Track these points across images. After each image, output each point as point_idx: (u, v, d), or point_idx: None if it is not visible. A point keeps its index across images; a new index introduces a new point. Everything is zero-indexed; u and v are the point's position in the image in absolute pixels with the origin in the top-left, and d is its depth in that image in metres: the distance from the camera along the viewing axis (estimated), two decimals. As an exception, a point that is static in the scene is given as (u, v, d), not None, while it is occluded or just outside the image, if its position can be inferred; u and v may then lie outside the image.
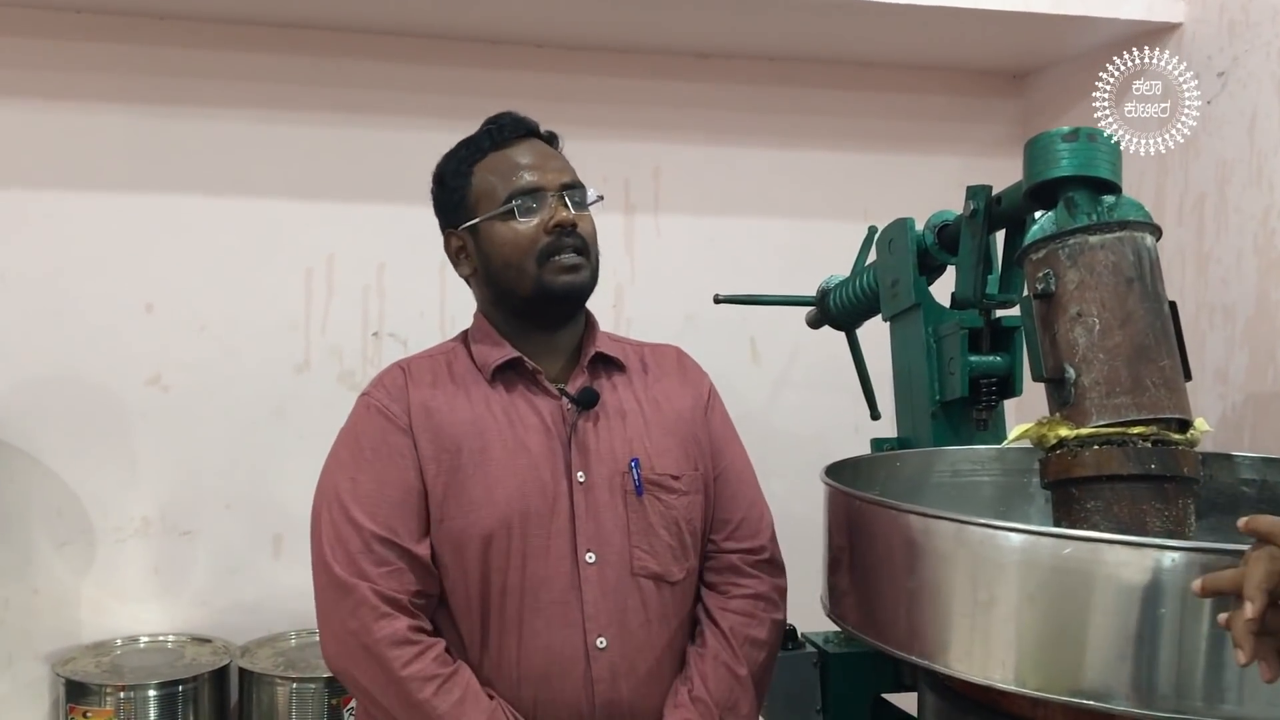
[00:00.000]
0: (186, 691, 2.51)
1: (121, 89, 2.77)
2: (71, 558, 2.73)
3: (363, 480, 1.53)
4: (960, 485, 1.84)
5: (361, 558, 1.48)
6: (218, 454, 2.81)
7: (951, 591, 1.27)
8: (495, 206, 1.57)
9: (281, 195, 2.87)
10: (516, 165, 1.58)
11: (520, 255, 1.55)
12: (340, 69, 2.90)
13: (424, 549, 1.51)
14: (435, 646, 1.49)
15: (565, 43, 3.00)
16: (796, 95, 3.19)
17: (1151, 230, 1.47)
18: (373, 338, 2.93)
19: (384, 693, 1.46)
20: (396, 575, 1.48)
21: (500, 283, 1.59)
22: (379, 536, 1.49)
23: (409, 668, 1.45)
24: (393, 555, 1.49)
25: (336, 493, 1.53)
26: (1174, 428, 1.40)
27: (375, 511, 1.50)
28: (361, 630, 1.46)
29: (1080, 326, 1.42)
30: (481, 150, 1.60)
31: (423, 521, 1.52)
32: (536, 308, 1.58)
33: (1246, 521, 1.02)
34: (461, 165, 1.61)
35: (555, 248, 1.55)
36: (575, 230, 1.56)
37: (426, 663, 1.46)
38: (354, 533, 1.49)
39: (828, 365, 2.74)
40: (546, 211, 1.56)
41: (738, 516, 1.67)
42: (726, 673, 1.57)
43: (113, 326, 2.76)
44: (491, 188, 1.58)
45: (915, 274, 2.01)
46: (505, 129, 1.61)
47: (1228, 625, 0.99)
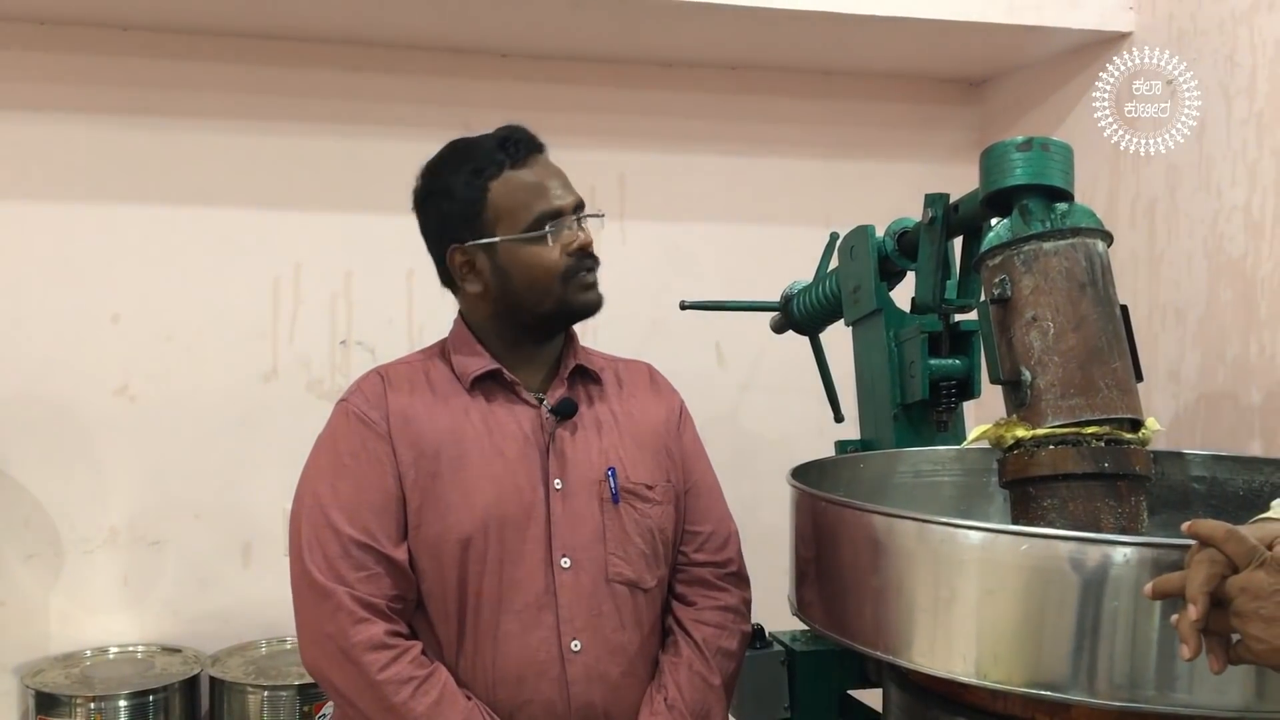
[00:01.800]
0: (157, 701, 2.51)
1: (86, 100, 2.76)
2: (39, 569, 2.73)
3: (342, 486, 1.54)
4: (922, 485, 1.88)
5: (340, 563, 1.49)
6: (186, 463, 2.81)
7: (914, 589, 1.31)
8: (518, 227, 1.57)
9: (248, 205, 2.87)
10: (542, 188, 1.58)
11: (548, 276, 1.57)
12: (305, 79, 2.90)
13: (402, 554, 1.53)
14: (412, 649, 1.50)
15: (530, 52, 3.02)
16: (759, 104, 3.23)
17: (1103, 236, 1.51)
18: (341, 346, 2.94)
19: (361, 696, 1.48)
20: (374, 580, 1.50)
21: (517, 301, 1.60)
22: (357, 541, 1.50)
23: (385, 671, 1.46)
24: (371, 560, 1.50)
25: (316, 498, 1.55)
26: (1126, 427, 1.45)
27: (354, 517, 1.52)
28: (339, 634, 1.47)
29: (1035, 330, 1.47)
30: (496, 165, 1.58)
31: (400, 526, 1.54)
32: (549, 323, 1.62)
33: (1189, 526, 1.06)
34: (473, 179, 1.58)
35: (578, 268, 1.59)
36: (590, 250, 1.61)
37: (403, 665, 1.48)
38: (333, 537, 1.51)
39: (792, 369, 2.78)
40: (569, 234, 1.58)
41: (707, 530, 1.71)
42: (701, 682, 1.61)
43: (79, 337, 2.75)
44: (513, 207, 1.57)
45: (876, 280, 2.04)
46: (521, 146, 1.60)
47: (1177, 625, 1.04)
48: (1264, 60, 2.39)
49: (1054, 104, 3.09)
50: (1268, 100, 2.38)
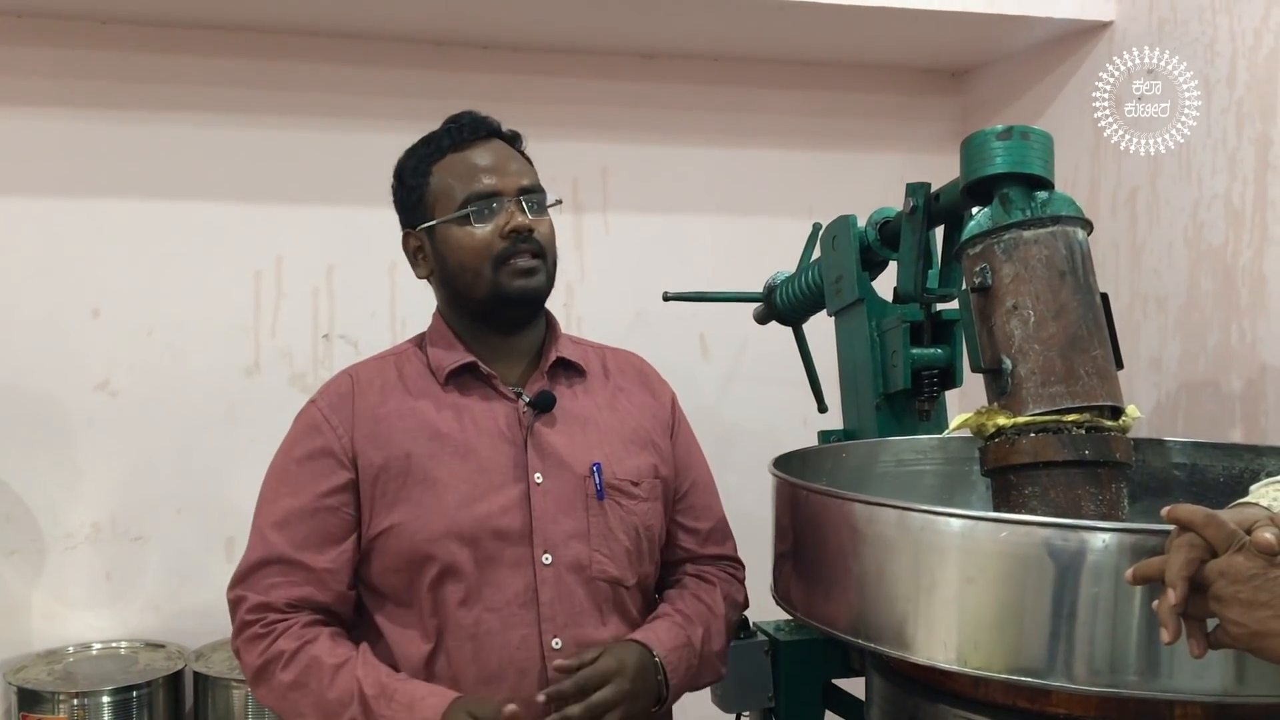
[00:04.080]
0: (141, 697, 2.50)
1: (66, 93, 2.75)
2: (21, 565, 2.71)
3: (283, 490, 1.56)
4: (904, 474, 1.88)
5: (254, 570, 1.52)
6: (168, 458, 2.80)
7: (895, 576, 1.31)
8: (452, 209, 1.56)
9: (229, 198, 2.86)
10: (474, 168, 1.57)
11: (476, 260, 1.55)
12: (286, 71, 2.89)
13: (326, 561, 1.53)
14: (289, 627, 1.50)
15: (512, 44, 3.01)
16: (741, 94, 3.23)
17: (1083, 224, 1.52)
18: (323, 340, 2.93)
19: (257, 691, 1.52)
20: (281, 589, 1.51)
21: (456, 285, 1.59)
22: (278, 554, 1.52)
23: (261, 657, 1.48)
24: (285, 570, 1.52)
25: (262, 500, 1.58)
26: (1107, 415, 1.46)
27: (284, 523, 1.53)
28: (236, 635, 1.52)
29: (1016, 319, 1.47)
30: (441, 150, 1.59)
31: (330, 535, 1.54)
32: (491, 311, 1.59)
33: (1168, 511, 1.07)
34: (420, 164, 1.60)
35: (510, 252, 1.54)
36: (532, 235, 1.55)
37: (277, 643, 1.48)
38: (259, 544, 1.54)
39: (776, 360, 2.79)
40: (503, 216, 1.55)
41: (708, 527, 1.72)
42: (706, 608, 1.62)
43: (59, 332, 2.74)
44: (449, 190, 1.57)
45: (858, 270, 2.05)
46: (465, 129, 1.60)
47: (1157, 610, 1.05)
48: (1243, 49, 2.40)
49: (1036, 94, 3.09)
50: (1247, 89, 2.39)
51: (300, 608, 1.51)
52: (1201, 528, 1.03)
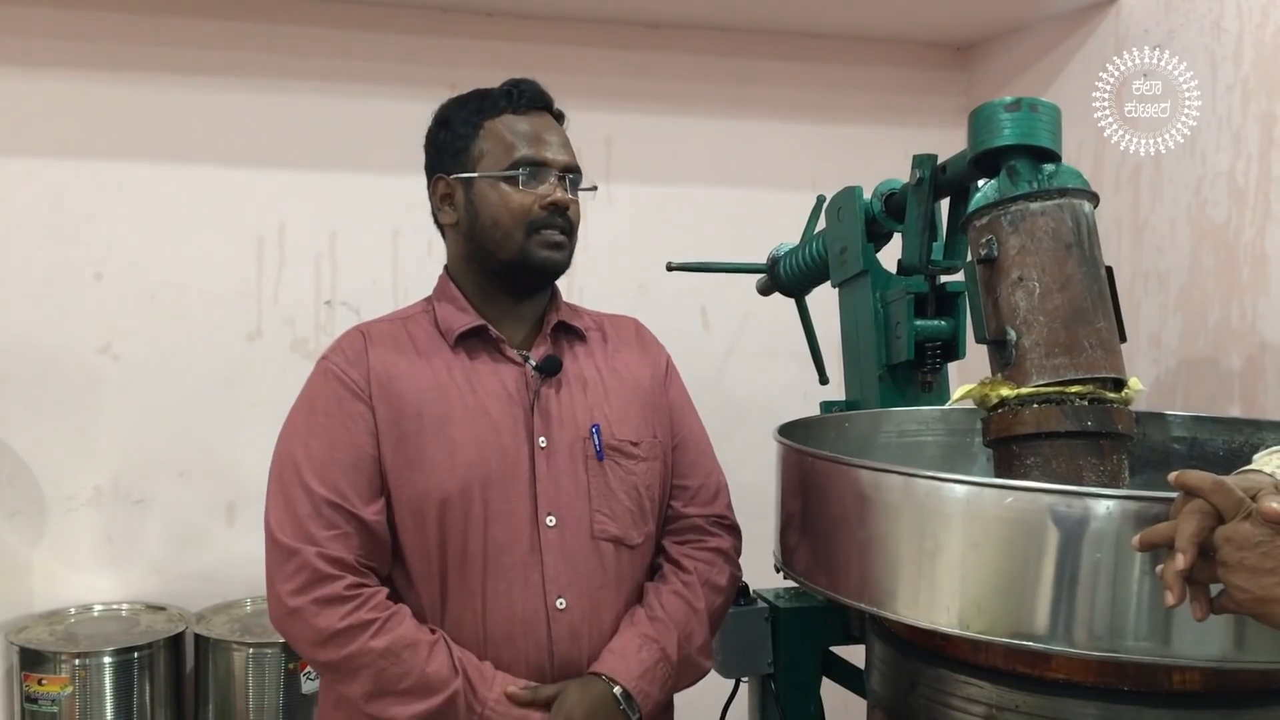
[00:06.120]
0: (142, 659, 2.52)
1: (70, 55, 2.74)
2: (23, 527, 2.73)
3: (314, 444, 1.54)
4: (906, 445, 1.89)
5: (309, 521, 1.50)
6: (170, 422, 2.81)
7: (900, 542, 1.32)
8: (498, 167, 1.58)
9: (232, 163, 2.85)
10: (531, 135, 1.60)
11: (511, 220, 1.57)
12: (290, 36, 2.88)
13: (372, 513, 1.52)
14: (375, 596, 1.50)
15: (516, 11, 3.00)
16: (747, 66, 3.22)
17: (1089, 197, 1.52)
18: (325, 306, 2.93)
19: (323, 650, 1.48)
20: (343, 539, 1.50)
21: (482, 240, 1.60)
22: (328, 500, 1.50)
23: (346, 620, 1.47)
24: (340, 519, 1.50)
25: (290, 457, 1.55)
26: (1110, 387, 1.46)
27: (325, 475, 1.52)
28: (302, 591, 1.47)
29: (1021, 290, 1.48)
30: (497, 108, 1.62)
31: (373, 485, 1.54)
32: (511, 274, 1.60)
33: (1176, 476, 1.08)
34: (473, 116, 1.62)
35: (545, 223, 1.58)
36: (566, 212, 1.59)
37: (364, 612, 1.48)
38: (304, 496, 1.51)
39: (778, 333, 2.79)
40: (546, 187, 1.58)
41: (696, 483, 1.72)
42: (684, 604, 1.62)
43: (62, 295, 2.74)
44: (500, 148, 1.59)
45: (863, 241, 2.05)
46: (525, 95, 1.63)
47: (1162, 574, 1.06)
48: (1250, 26, 2.40)
49: (1041, 69, 3.09)
50: (1253, 66, 2.39)
51: (371, 568, 1.52)
52: (1210, 494, 1.05)
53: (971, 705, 1.34)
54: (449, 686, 1.45)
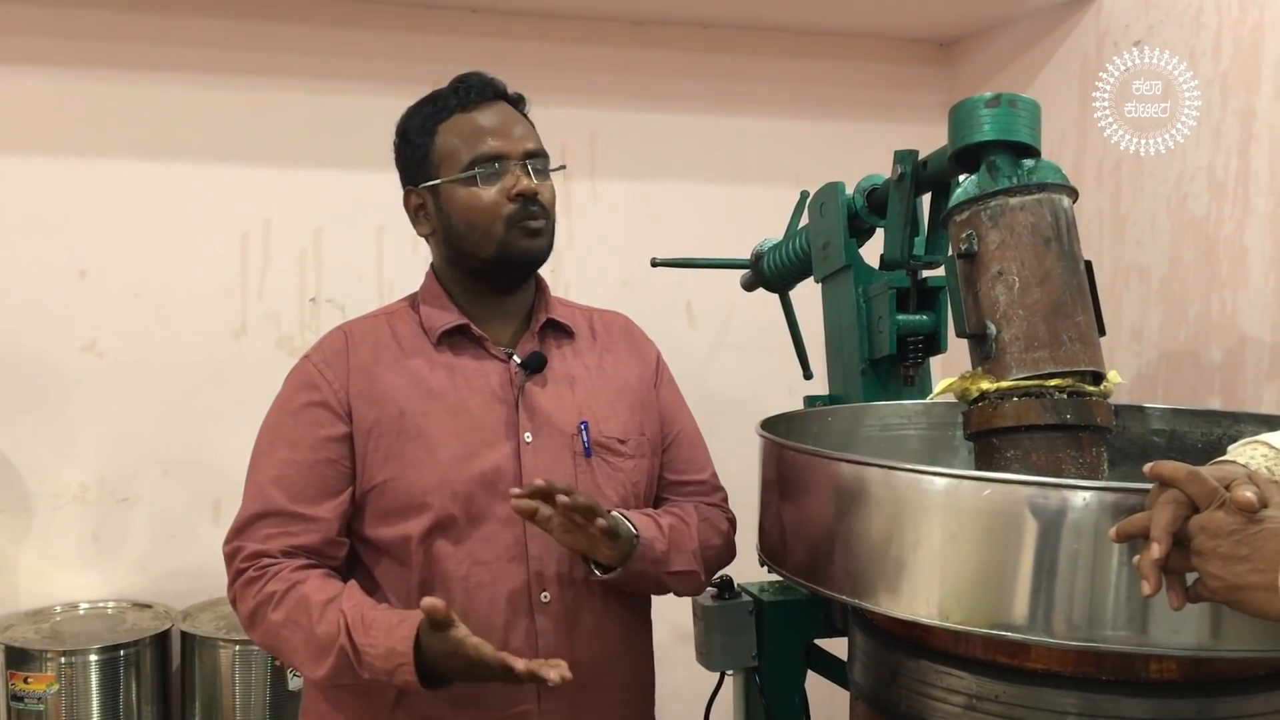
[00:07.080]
0: (128, 656, 2.52)
1: (53, 52, 2.73)
2: (7, 525, 2.72)
3: (278, 444, 1.57)
4: (889, 439, 1.90)
5: (250, 523, 1.54)
6: (155, 420, 2.80)
7: (880, 534, 1.33)
8: (457, 169, 1.57)
9: (216, 160, 2.85)
10: (481, 130, 1.58)
11: (486, 219, 1.56)
12: (273, 33, 2.87)
13: (325, 511, 1.54)
14: (281, 569, 1.51)
15: (500, 8, 3.00)
16: (730, 62, 3.23)
17: (1068, 192, 1.53)
18: (310, 303, 2.93)
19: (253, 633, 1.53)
20: (277, 538, 1.52)
21: (460, 244, 1.60)
22: (274, 503, 1.53)
23: (255, 599, 1.50)
24: (282, 521, 1.53)
25: (255, 455, 1.59)
26: (1089, 380, 1.48)
27: (281, 476, 1.54)
28: (231, 586, 1.54)
29: (1001, 285, 1.49)
30: (448, 109, 1.60)
31: (329, 486, 1.55)
32: (493, 270, 1.61)
33: (1151, 467, 1.09)
34: (426, 123, 1.61)
35: (520, 214, 1.57)
36: (537, 198, 1.58)
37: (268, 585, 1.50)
38: (255, 497, 1.55)
39: (762, 328, 2.80)
40: (509, 179, 1.57)
41: (695, 478, 1.75)
42: (680, 522, 1.65)
43: (45, 293, 2.73)
44: (454, 150, 1.58)
45: (845, 236, 2.06)
46: (473, 90, 1.61)
47: (1138, 564, 1.07)
48: (1229, 21, 2.41)
49: (1023, 65, 3.10)
50: (1232, 61, 2.41)
51: (295, 554, 1.53)
52: (1184, 484, 1.06)
53: (952, 695, 1.35)
54: (335, 642, 1.45)
